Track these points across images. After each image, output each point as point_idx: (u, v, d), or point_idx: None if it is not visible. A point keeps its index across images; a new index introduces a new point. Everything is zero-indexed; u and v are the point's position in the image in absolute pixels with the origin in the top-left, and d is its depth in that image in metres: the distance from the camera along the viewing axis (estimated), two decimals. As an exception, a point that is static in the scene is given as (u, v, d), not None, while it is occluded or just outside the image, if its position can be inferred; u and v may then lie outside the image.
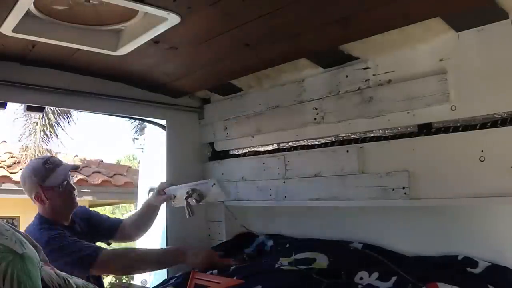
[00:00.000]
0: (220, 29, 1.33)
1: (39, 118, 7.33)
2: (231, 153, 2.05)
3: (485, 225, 1.29)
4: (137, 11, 1.25)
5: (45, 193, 1.65)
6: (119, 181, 7.28)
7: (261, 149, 1.89)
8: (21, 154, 7.22)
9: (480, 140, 1.22)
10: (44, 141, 7.40)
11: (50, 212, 1.67)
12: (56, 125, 7.63)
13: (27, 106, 1.73)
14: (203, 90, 2.05)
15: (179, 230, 2.00)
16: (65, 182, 1.69)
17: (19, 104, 1.79)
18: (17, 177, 6.69)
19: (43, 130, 7.39)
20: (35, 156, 7.03)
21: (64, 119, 7.78)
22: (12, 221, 7.02)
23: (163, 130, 2.11)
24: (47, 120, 7.46)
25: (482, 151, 1.21)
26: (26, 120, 7.42)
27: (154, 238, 2.86)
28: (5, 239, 0.97)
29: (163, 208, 2.10)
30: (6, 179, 6.62)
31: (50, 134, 7.53)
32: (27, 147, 7.35)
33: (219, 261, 1.66)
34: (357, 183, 1.48)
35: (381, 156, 1.45)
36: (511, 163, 1.15)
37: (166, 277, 1.82)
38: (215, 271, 1.61)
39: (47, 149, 7.44)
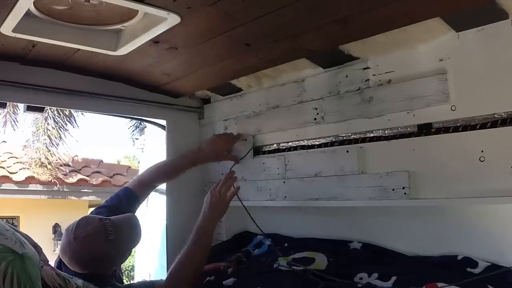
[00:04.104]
0: (220, 29, 1.33)
1: (42, 122, 7.34)
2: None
3: (485, 225, 1.30)
4: (137, 11, 1.26)
5: (118, 262, 1.51)
6: (119, 181, 7.29)
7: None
8: (24, 156, 7.22)
9: (480, 140, 1.22)
10: (48, 143, 7.41)
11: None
12: (60, 128, 7.65)
13: (27, 106, 1.72)
14: (203, 90, 2.05)
15: (179, 230, 2.00)
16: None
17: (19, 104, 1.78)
18: (17, 177, 6.71)
19: (47, 134, 7.40)
20: (39, 159, 7.02)
21: (69, 122, 7.80)
22: (12, 221, 7.03)
23: (163, 130, 2.12)
24: (51, 123, 7.48)
25: (482, 151, 1.21)
26: (30, 126, 7.45)
27: (154, 238, 2.86)
28: (5, 239, 0.97)
29: (163, 208, 2.10)
30: (6, 179, 6.62)
31: (54, 138, 7.54)
32: (29, 148, 7.35)
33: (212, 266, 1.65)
34: (357, 183, 1.48)
35: (381, 156, 1.45)
36: (511, 163, 1.15)
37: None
38: (212, 278, 1.62)
39: (50, 151, 7.44)
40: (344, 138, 1.57)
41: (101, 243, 1.37)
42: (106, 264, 1.43)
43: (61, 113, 7.53)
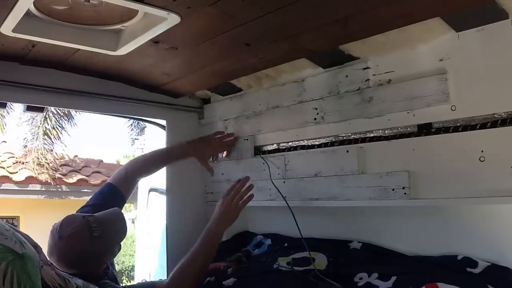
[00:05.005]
0: (220, 29, 1.33)
1: (41, 122, 7.35)
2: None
3: (485, 225, 1.29)
4: (137, 11, 1.25)
5: (105, 260, 1.47)
6: (119, 181, 7.25)
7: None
8: (23, 156, 7.23)
9: (480, 140, 1.22)
10: (47, 143, 7.42)
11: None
12: (58, 127, 7.65)
13: (27, 106, 1.72)
14: (203, 90, 2.05)
15: (179, 230, 2.00)
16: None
17: (19, 104, 1.77)
18: (17, 177, 6.71)
19: (46, 133, 7.41)
20: (37, 158, 7.03)
21: (67, 121, 7.81)
22: (12, 221, 7.03)
23: (163, 130, 2.12)
24: (50, 123, 7.48)
25: (482, 151, 1.21)
26: (29, 124, 7.45)
27: (154, 238, 2.86)
28: (5, 239, 0.97)
29: (163, 208, 2.10)
30: (6, 179, 6.62)
31: (53, 137, 7.55)
32: (28, 148, 7.36)
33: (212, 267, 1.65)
34: (357, 183, 1.48)
35: (381, 156, 1.45)
36: (511, 163, 1.15)
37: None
38: (212, 278, 1.61)
39: (51, 151, 7.45)
40: (344, 138, 1.57)
41: (86, 240, 1.36)
42: (93, 262, 1.41)
43: (59, 112, 7.54)
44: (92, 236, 1.36)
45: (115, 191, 1.68)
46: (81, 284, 1.22)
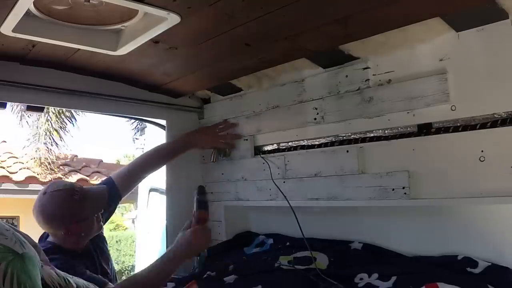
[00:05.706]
0: (220, 29, 1.33)
1: (44, 123, 7.35)
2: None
3: (485, 225, 1.30)
4: (137, 11, 1.26)
5: (76, 227, 1.51)
6: (119, 181, 7.26)
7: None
8: (24, 157, 7.23)
9: (480, 140, 1.22)
10: (48, 144, 7.43)
11: (68, 242, 1.52)
12: (60, 128, 7.66)
13: (27, 106, 1.72)
14: (203, 90, 2.05)
15: (179, 230, 2.00)
16: (99, 214, 1.57)
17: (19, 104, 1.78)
18: (17, 177, 6.71)
19: (48, 134, 7.42)
20: (39, 159, 7.04)
21: (70, 122, 7.82)
22: (12, 221, 7.03)
23: (163, 130, 2.12)
24: (51, 124, 7.50)
25: (482, 151, 1.21)
26: (30, 124, 7.47)
27: (154, 239, 2.87)
28: (5, 239, 0.96)
29: (163, 208, 2.10)
30: (6, 179, 6.63)
31: (54, 138, 7.56)
32: (29, 148, 7.37)
33: None
34: (357, 183, 1.48)
35: (381, 156, 1.45)
36: (511, 163, 1.15)
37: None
38: (213, 273, 1.62)
39: (51, 151, 7.46)
40: (344, 138, 1.57)
41: (65, 200, 1.48)
42: (67, 223, 1.48)
43: (61, 113, 7.55)
44: (72, 199, 1.49)
45: (112, 188, 1.72)
46: (81, 284, 1.22)
